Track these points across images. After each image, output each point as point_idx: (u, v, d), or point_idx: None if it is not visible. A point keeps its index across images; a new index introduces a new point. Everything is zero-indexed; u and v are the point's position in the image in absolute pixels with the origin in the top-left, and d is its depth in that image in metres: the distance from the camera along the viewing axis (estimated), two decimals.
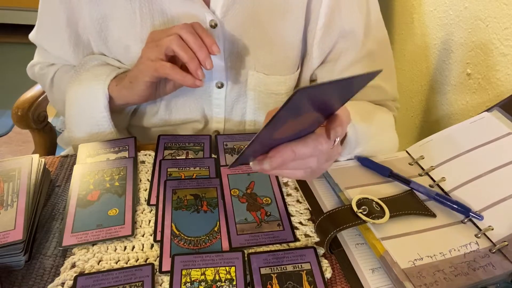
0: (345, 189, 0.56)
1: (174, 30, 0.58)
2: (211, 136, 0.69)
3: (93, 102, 0.65)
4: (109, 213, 0.54)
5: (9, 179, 0.54)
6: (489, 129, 0.60)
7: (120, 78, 0.65)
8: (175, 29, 0.58)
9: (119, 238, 0.51)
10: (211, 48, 0.58)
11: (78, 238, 0.50)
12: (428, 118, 0.96)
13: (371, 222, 0.50)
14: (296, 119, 0.40)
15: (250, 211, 0.55)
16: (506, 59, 0.69)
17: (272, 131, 0.39)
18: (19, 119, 0.87)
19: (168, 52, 0.59)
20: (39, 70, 0.76)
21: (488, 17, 0.73)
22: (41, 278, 0.47)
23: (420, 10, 0.98)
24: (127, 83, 0.64)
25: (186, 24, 0.59)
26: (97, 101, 0.65)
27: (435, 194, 0.54)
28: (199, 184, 0.59)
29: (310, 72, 0.73)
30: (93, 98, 0.65)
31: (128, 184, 0.58)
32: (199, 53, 0.58)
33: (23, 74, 0.82)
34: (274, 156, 0.42)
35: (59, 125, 1.38)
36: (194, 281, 0.46)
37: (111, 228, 0.52)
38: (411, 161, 0.62)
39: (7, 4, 2.52)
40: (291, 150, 0.42)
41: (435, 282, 0.45)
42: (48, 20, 0.70)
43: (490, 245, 0.50)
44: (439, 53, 0.90)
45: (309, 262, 0.49)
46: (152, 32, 0.62)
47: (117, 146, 0.65)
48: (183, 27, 0.58)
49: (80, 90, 0.66)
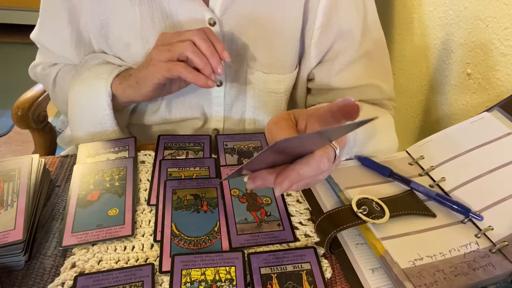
0: (345, 189, 0.56)
1: (186, 36, 0.59)
2: (211, 136, 0.69)
3: (96, 101, 0.65)
4: (109, 213, 0.54)
5: (9, 179, 0.54)
6: (489, 129, 0.60)
7: (124, 77, 0.66)
8: (188, 35, 0.59)
9: (119, 238, 0.51)
10: (222, 55, 0.59)
11: (78, 238, 0.50)
12: (428, 118, 0.96)
13: (371, 222, 0.50)
14: (287, 151, 0.40)
15: (250, 211, 0.55)
16: (506, 59, 0.69)
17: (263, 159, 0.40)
18: (19, 119, 0.87)
19: (181, 57, 0.60)
20: (41, 71, 0.77)
21: (488, 17, 0.73)
22: (41, 278, 0.47)
23: (420, 10, 0.98)
24: (133, 83, 0.64)
25: (198, 30, 0.60)
26: (100, 99, 0.65)
27: (435, 194, 0.54)
28: (199, 184, 0.59)
29: (308, 71, 0.73)
30: (96, 97, 0.65)
31: (128, 184, 0.58)
32: (211, 59, 0.59)
33: (23, 74, 0.82)
34: (283, 182, 0.41)
35: (59, 125, 1.38)
36: (194, 281, 0.46)
37: (111, 228, 0.52)
38: (411, 161, 0.62)
39: (7, 4, 2.52)
40: (297, 173, 0.42)
41: (435, 282, 0.45)
42: (49, 18, 0.70)
43: (490, 245, 0.50)
44: (439, 53, 0.90)
45: (309, 262, 0.49)
46: (162, 34, 0.62)
47: (117, 146, 0.65)
48: (196, 34, 0.59)
49: (82, 89, 0.67)
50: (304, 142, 0.40)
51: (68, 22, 0.68)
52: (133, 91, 0.65)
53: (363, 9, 0.69)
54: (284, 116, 0.49)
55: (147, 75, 0.62)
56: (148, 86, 0.63)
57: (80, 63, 0.70)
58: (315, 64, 0.72)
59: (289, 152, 0.41)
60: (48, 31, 0.72)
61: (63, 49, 0.71)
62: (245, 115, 0.76)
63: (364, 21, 0.69)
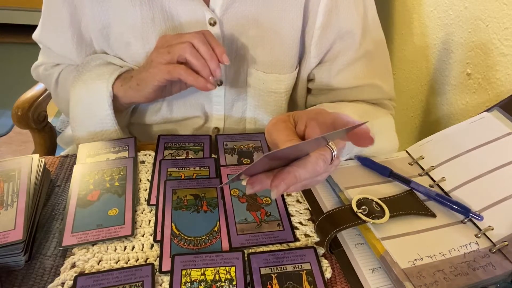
0: (345, 189, 0.56)
1: (186, 38, 0.60)
2: (211, 136, 0.69)
3: (97, 101, 0.66)
4: (109, 213, 0.54)
5: (9, 179, 0.54)
6: (489, 129, 0.60)
7: (125, 78, 0.66)
8: (187, 37, 0.60)
9: (119, 238, 0.51)
10: (221, 58, 0.60)
11: (78, 238, 0.50)
12: (428, 118, 0.96)
13: (371, 222, 0.50)
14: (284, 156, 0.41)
15: (250, 211, 0.55)
16: (506, 59, 0.70)
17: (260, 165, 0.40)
18: (19, 119, 0.87)
19: (180, 59, 0.60)
20: (44, 71, 0.77)
21: (488, 17, 0.73)
22: (41, 278, 0.47)
23: (420, 10, 0.98)
24: (134, 85, 0.64)
25: (197, 32, 0.60)
26: (101, 99, 0.65)
27: (435, 194, 0.54)
28: (199, 184, 0.59)
29: (308, 71, 0.73)
30: (97, 97, 0.66)
31: (128, 184, 0.58)
32: (210, 62, 0.59)
33: (23, 74, 0.82)
34: (279, 185, 0.42)
35: (59, 125, 1.38)
36: (194, 281, 0.46)
37: (111, 228, 0.52)
38: (411, 161, 0.62)
39: (7, 4, 2.52)
40: (294, 176, 0.42)
41: (435, 282, 0.45)
42: (51, 19, 0.71)
43: (490, 245, 0.50)
44: (439, 53, 0.90)
45: (309, 262, 0.49)
46: (162, 36, 0.63)
47: (117, 146, 0.65)
48: (195, 36, 0.59)
49: (83, 89, 0.67)
50: (301, 147, 0.41)
51: (70, 23, 0.68)
52: (134, 93, 0.65)
53: (363, 9, 0.69)
54: (283, 118, 0.49)
55: (148, 77, 0.62)
56: (149, 88, 0.63)
57: (81, 64, 0.70)
58: (315, 64, 0.72)
59: (286, 157, 0.42)
60: (50, 32, 0.72)
61: (65, 49, 0.72)
62: (245, 114, 0.76)
63: (364, 21, 0.69)
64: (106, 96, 0.65)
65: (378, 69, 0.74)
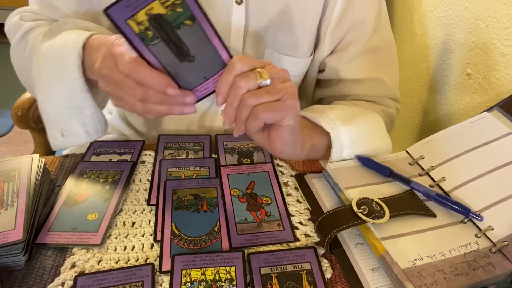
0: (345, 189, 0.56)
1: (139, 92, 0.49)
2: (211, 136, 0.69)
3: (66, 56, 0.56)
4: (89, 217, 0.53)
5: (9, 179, 0.54)
6: (489, 129, 0.60)
7: (90, 55, 0.55)
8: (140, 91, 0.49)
9: (86, 246, 0.50)
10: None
11: (50, 238, 0.50)
12: (428, 118, 0.96)
13: (371, 222, 0.50)
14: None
15: (250, 211, 0.55)
16: (506, 59, 0.69)
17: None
18: (19, 119, 0.87)
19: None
20: (19, 20, 0.69)
21: (488, 17, 0.73)
22: (41, 278, 0.47)
23: (420, 10, 0.98)
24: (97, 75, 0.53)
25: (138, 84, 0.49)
26: (70, 55, 0.56)
27: (435, 194, 0.54)
28: (199, 184, 0.59)
29: (321, 59, 0.75)
30: (66, 53, 0.56)
31: (117, 190, 0.57)
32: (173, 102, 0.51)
33: None
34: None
35: None
36: (194, 281, 0.46)
37: (83, 234, 0.51)
38: (411, 161, 0.62)
39: (7, 4, 2.52)
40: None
41: (435, 282, 0.45)
42: None
43: (490, 245, 0.50)
44: (439, 53, 0.90)
45: (309, 262, 0.49)
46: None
47: (123, 148, 0.66)
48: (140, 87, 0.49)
49: (53, 46, 0.59)
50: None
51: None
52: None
53: (378, 6, 0.72)
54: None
55: (123, 95, 0.51)
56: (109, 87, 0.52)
57: (54, 25, 0.63)
58: (328, 53, 0.73)
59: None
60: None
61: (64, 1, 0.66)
62: None
63: (378, 17, 0.71)
64: (76, 57, 0.55)
65: (385, 66, 0.75)
